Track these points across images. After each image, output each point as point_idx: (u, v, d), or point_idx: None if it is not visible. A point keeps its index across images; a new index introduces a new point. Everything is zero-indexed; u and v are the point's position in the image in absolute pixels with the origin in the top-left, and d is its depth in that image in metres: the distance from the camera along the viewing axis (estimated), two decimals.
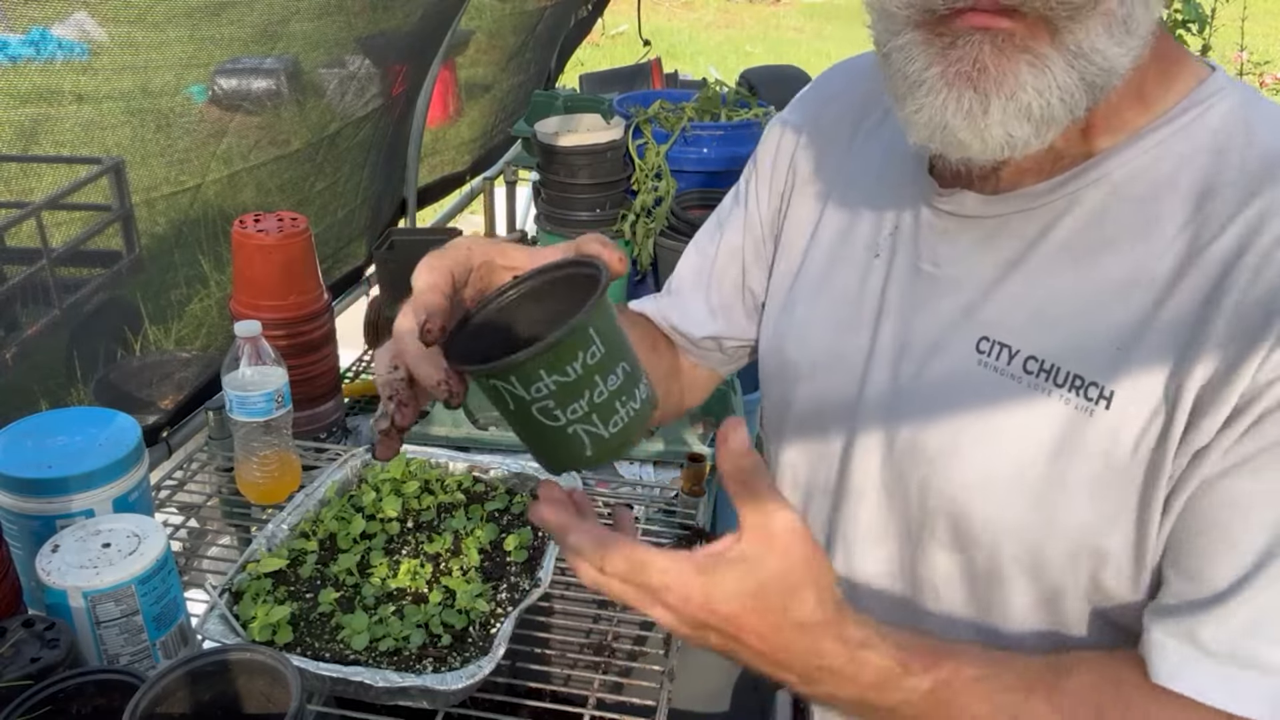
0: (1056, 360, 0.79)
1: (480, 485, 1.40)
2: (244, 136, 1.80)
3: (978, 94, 0.69)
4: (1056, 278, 0.80)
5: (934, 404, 0.87)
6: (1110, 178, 0.79)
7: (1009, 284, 0.83)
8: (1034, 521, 0.80)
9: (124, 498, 1.20)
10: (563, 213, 2.21)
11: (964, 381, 0.84)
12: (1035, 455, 0.79)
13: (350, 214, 2.34)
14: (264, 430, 1.37)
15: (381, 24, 2.14)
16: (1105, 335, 0.77)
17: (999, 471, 0.82)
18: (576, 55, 4.58)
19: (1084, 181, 0.80)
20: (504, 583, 1.21)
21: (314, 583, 1.20)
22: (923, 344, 0.88)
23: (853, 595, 0.94)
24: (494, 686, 1.13)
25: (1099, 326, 0.78)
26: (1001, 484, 0.81)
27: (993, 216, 0.84)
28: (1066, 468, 0.78)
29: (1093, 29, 0.68)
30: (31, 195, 1.40)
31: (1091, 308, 0.78)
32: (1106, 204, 0.79)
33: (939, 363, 0.87)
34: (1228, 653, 0.72)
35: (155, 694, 0.88)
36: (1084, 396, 0.77)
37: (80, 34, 1.33)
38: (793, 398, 1.00)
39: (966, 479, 0.83)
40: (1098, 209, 0.79)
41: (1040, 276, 0.81)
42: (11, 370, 1.42)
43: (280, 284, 1.58)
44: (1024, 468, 0.80)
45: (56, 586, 1.02)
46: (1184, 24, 3.35)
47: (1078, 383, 0.78)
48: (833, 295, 0.98)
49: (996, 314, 0.83)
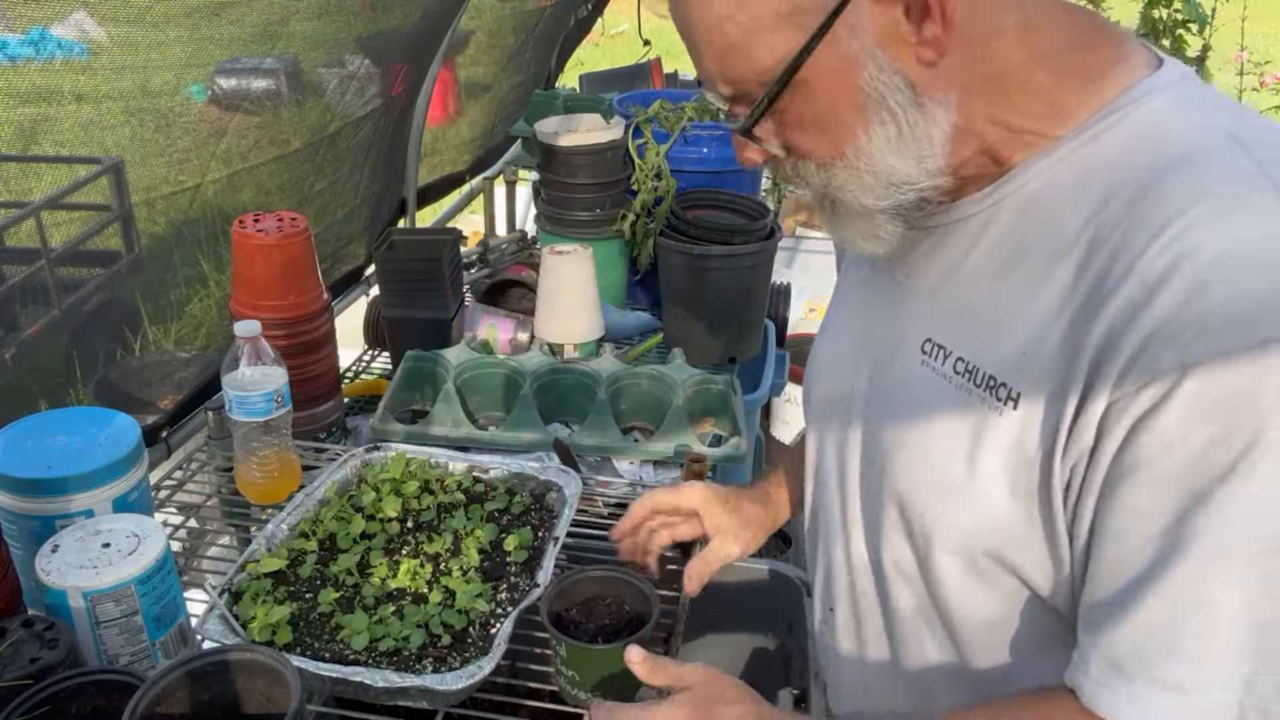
0: (977, 362, 0.84)
1: (480, 485, 1.40)
2: (244, 136, 1.80)
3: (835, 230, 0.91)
4: (983, 283, 0.85)
5: (890, 401, 0.94)
6: (1027, 188, 0.82)
7: (948, 289, 0.88)
8: (962, 517, 0.85)
9: (124, 498, 1.20)
10: (562, 212, 2.20)
11: (911, 381, 0.91)
12: (959, 452, 0.84)
13: (350, 214, 2.34)
14: (264, 430, 1.37)
15: (381, 24, 2.14)
16: (1016, 339, 0.81)
17: (933, 466, 0.87)
18: (576, 55, 4.58)
19: (1004, 193, 0.83)
20: (504, 583, 1.21)
21: (314, 583, 1.20)
22: (889, 346, 0.95)
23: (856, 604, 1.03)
24: (494, 686, 1.13)
25: (1012, 331, 0.81)
26: (936, 478, 0.87)
27: (939, 227, 0.88)
28: (984, 466, 0.82)
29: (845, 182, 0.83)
30: (31, 195, 1.40)
31: (1007, 313, 0.82)
32: (1023, 214, 0.82)
33: (897, 363, 0.93)
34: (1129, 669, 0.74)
35: (155, 694, 0.88)
36: (995, 397, 0.82)
37: (80, 34, 1.33)
38: (811, 397, 1.10)
39: (910, 472, 0.90)
40: (1015, 219, 0.83)
41: (970, 282, 0.86)
42: (11, 370, 1.42)
43: (280, 284, 1.58)
44: (950, 464, 0.85)
45: (56, 586, 1.02)
46: (1184, 24, 3.34)
47: (991, 383, 0.82)
48: (846, 307, 1.07)
49: (937, 318, 0.89)
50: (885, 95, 0.77)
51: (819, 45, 0.75)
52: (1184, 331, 0.69)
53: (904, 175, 0.81)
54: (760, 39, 0.77)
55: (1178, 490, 0.71)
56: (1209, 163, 0.74)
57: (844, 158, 0.81)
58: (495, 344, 2.01)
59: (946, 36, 0.75)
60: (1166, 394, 0.70)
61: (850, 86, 0.77)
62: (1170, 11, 3.31)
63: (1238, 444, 0.68)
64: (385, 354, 2.16)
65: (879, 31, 0.75)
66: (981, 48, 0.78)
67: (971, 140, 0.81)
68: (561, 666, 1.07)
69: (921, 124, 0.79)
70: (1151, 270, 0.71)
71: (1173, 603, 0.72)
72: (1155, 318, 0.70)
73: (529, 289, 2.14)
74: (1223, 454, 0.69)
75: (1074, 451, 0.76)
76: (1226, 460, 0.69)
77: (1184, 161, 0.74)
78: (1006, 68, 0.79)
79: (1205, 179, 0.73)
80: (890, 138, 0.79)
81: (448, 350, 1.88)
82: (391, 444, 1.47)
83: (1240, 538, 0.70)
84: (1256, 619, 0.70)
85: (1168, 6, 3.30)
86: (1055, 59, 0.80)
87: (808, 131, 0.82)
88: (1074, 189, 0.79)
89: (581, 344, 1.94)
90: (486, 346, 1.99)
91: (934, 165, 0.81)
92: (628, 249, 2.26)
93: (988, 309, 0.84)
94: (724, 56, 0.79)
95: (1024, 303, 0.80)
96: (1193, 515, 0.70)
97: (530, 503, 1.37)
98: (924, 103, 0.78)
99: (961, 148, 0.81)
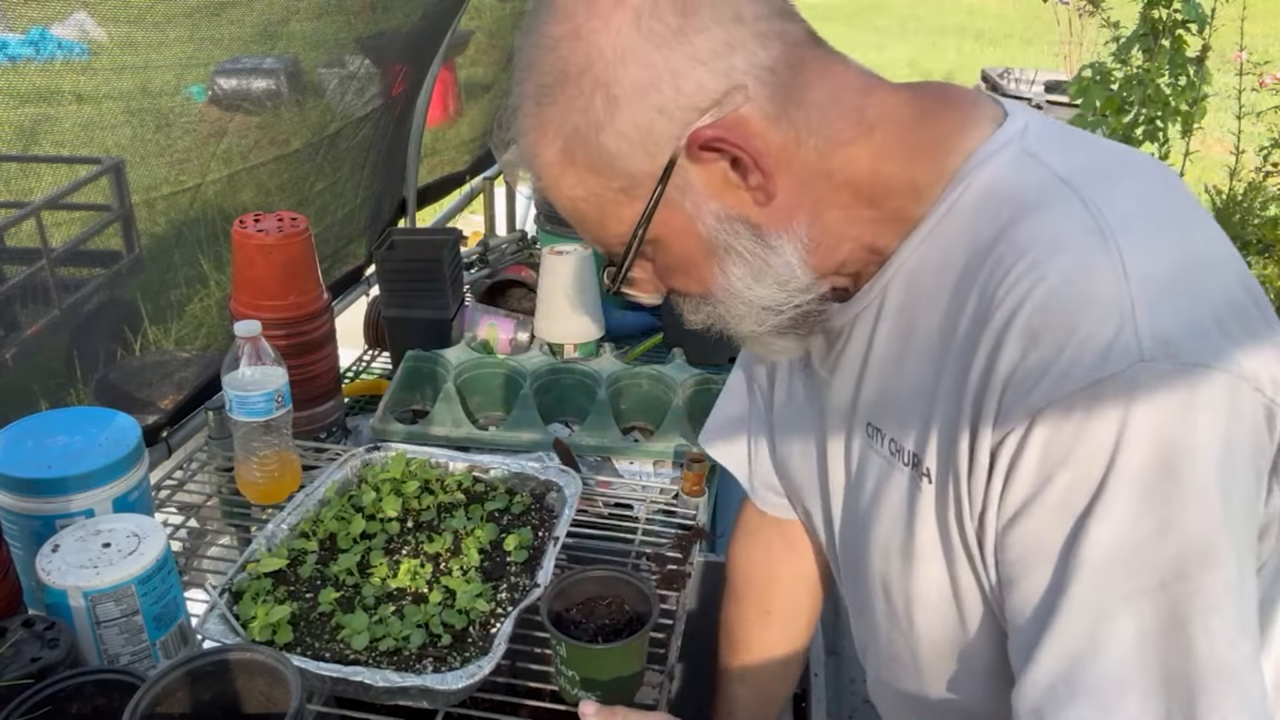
0: (898, 438, 0.89)
1: (480, 485, 1.40)
2: (244, 136, 1.80)
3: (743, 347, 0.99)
4: (890, 364, 0.89)
5: (855, 482, 0.98)
6: (904, 269, 0.86)
7: (868, 376, 0.92)
8: (911, 586, 0.90)
9: (124, 498, 1.20)
10: None
11: (864, 462, 0.95)
12: (898, 524, 0.89)
13: (350, 214, 2.34)
14: (264, 430, 1.37)
15: (381, 24, 2.14)
16: (921, 412, 0.85)
17: (887, 539, 0.92)
18: None
19: (886, 278, 0.87)
20: (504, 582, 1.21)
21: (314, 583, 1.20)
22: (837, 436, 0.99)
23: None
24: (494, 686, 1.13)
25: (916, 405, 0.86)
26: (893, 551, 0.91)
27: (843, 323, 0.93)
28: (918, 536, 0.87)
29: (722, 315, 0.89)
30: (31, 195, 1.40)
31: (910, 389, 0.86)
32: (907, 294, 0.86)
33: (851, 449, 0.98)
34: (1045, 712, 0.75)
35: (155, 694, 0.88)
36: (916, 470, 0.86)
37: (80, 34, 1.33)
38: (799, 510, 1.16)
39: (874, 546, 0.94)
40: (902, 299, 0.87)
41: (881, 366, 0.90)
42: (11, 370, 1.42)
43: (280, 284, 1.58)
44: (894, 536, 0.90)
45: (56, 586, 1.02)
46: (1184, 24, 3.33)
47: (913, 459, 0.87)
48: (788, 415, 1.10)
49: (867, 404, 0.93)
50: (730, 240, 0.83)
51: (658, 209, 0.82)
52: (1025, 381, 0.73)
53: (770, 300, 0.86)
54: (608, 212, 0.84)
55: (1051, 534, 0.74)
56: (1035, 213, 0.77)
57: (712, 295, 0.88)
58: (495, 344, 2.01)
59: (770, 182, 0.80)
60: (1021, 442, 0.73)
61: (695, 237, 0.83)
62: (1170, 11, 3.30)
63: (1092, 484, 0.71)
64: (385, 354, 2.16)
65: (708, 187, 0.81)
66: (822, 167, 0.82)
67: (844, 242, 0.86)
68: (561, 666, 1.07)
69: (771, 256, 0.84)
70: (995, 326, 0.75)
71: (1069, 643, 0.74)
72: (1005, 370, 0.74)
73: (529, 289, 2.14)
74: (1081, 494, 0.71)
75: (973, 509, 0.80)
76: (1085, 500, 0.71)
77: (1016, 218, 0.77)
78: (856, 174, 0.83)
79: (1030, 230, 0.76)
80: (745, 274, 0.85)
81: (448, 350, 1.89)
82: (391, 444, 1.47)
83: (1116, 576, 0.71)
84: (1156, 657, 0.71)
85: (1167, 6, 3.30)
86: (902, 147, 0.83)
87: (677, 276, 0.89)
88: (940, 263, 0.82)
89: (581, 344, 1.95)
90: (486, 346, 1.99)
91: (799, 284, 0.86)
92: None
93: (899, 387, 0.88)
94: (583, 225, 0.89)
95: (922, 376, 0.85)
96: (1069, 557, 0.73)
97: (530, 503, 1.37)
98: (767, 238, 0.83)
99: (835, 253, 0.86)
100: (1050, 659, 0.75)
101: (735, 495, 1.34)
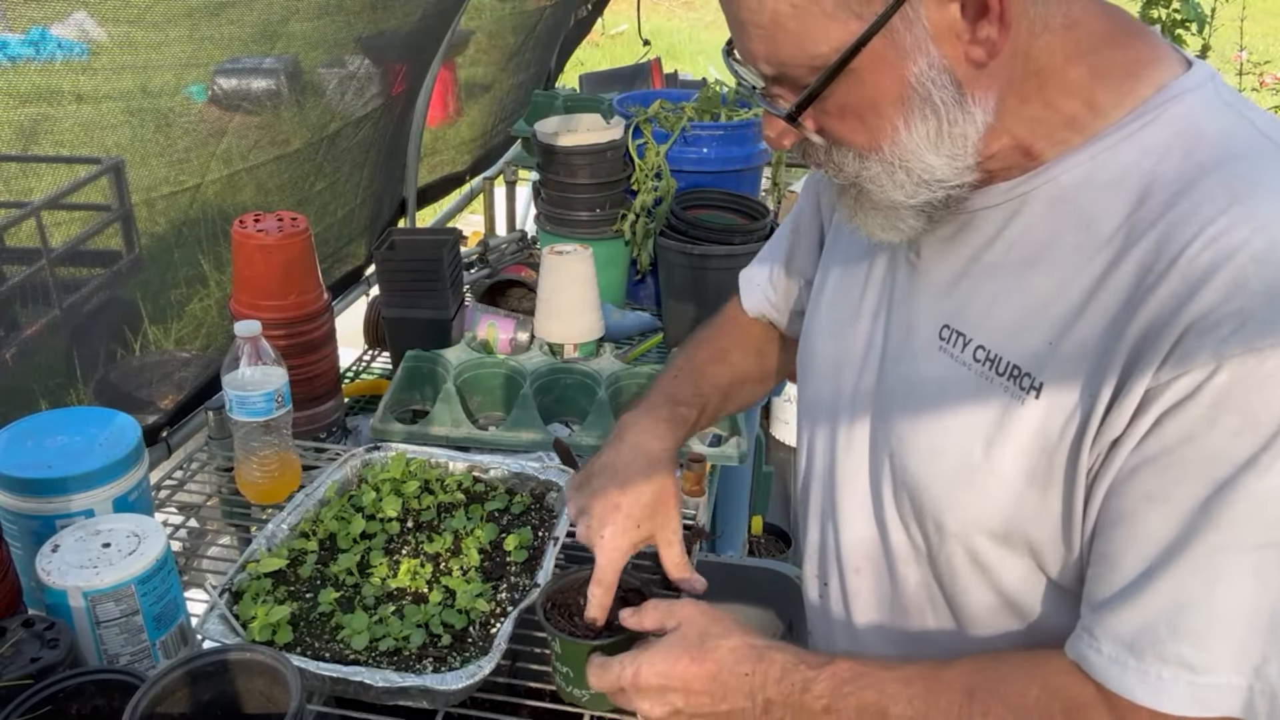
0: (1000, 350, 0.84)
1: (480, 485, 1.40)
2: (244, 136, 1.80)
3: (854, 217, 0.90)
4: (1007, 273, 0.85)
5: (903, 386, 0.94)
6: (1057, 181, 0.82)
7: (969, 276, 0.88)
8: (977, 504, 0.86)
9: (124, 498, 1.20)
10: (562, 212, 2.20)
11: (926, 366, 0.91)
12: (974, 440, 0.85)
13: (350, 214, 2.34)
14: (264, 430, 1.37)
15: (381, 24, 2.14)
16: (1041, 329, 0.82)
17: (945, 452, 0.88)
18: (576, 55, 4.58)
19: (1033, 185, 0.84)
20: (504, 583, 1.21)
21: (314, 583, 1.20)
22: (902, 330, 0.95)
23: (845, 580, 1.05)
24: (494, 686, 1.13)
25: (1037, 321, 0.82)
26: (951, 465, 0.88)
27: (963, 213, 0.88)
28: (1001, 453, 0.83)
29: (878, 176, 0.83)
30: (31, 195, 1.40)
31: (1032, 302, 0.83)
32: (1054, 207, 0.83)
33: (911, 348, 0.94)
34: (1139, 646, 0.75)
35: (155, 694, 0.88)
36: (1019, 386, 0.82)
37: (80, 34, 1.33)
38: (806, 391, 1.11)
39: (924, 459, 0.90)
40: (1045, 211, 0.83)
41: (994, 271, 0.86)
42: (11, 370, 1.42)
43: (280, 284, 1.58)
44: (965, 451, 0.86)
45: (56, 586, 1.02)
46: (1183, 24, 3.34)
47: (1015, 372, 0.83)
48: (840, 294, 1.05)
49: (957, 304, 0.89)
50: (931, 91, 0.77)
51: (876, 36, 0.74)
52: (1222, 325, 0.70)
53: (937, 173, 0.81)
54: (817, 24, 0.75)
55: (1197, 477, 0.72)
56: (1248, 163, 0.75)
57: (880, 151, 0.81)
58: (495, 344, 2.01)
59: (1001, 39, 0.75)
60: (1199, 385, 0.71)
61: (898, 80, 0.77)
62: (1169, 11, 3.31)
63: (1260, 436, 0.70)
64: (385, 354, 2.16)
65: (934, 26, 0.74)
66: (1026, 46, 0.78)
67: (1004, 135, 0.81)
68: (556, 663, 1.07)
69: (961, 122, 0.79)
70: (1194, 267, 0.72)
71: (1185, 585, 0.73)
72: (1196, 312, 0.71)
73: (529, 289, 2.14)
74: (1245, 445, 0.70)
75: (1103, 439, 0.77)
76: (1248, 451, 0.70)
77: (1223, 162, 0.75)
78: (1048, 66, 0.79)
79: (1245, 179, 0.74)
80: (929, 134, 0.79)
81: (448, 350, 1.89)
82: (391, 444, 1.47)
83: (1255, 527, 0.71)
84: (1267, 606, 0.72)
85: (1166, 6, 3.31)
86: (1093, 56, 0.80)
87: (847, 121, 0.81)
88: (1109, 186, 0.79)
89: (581, 344, 1.94)
90: (486, 346, 1.99)
91: (965, 164, 0.81)
92: (628, 249, 2.27)
93: (1012, 299, 0.84)
94: (774, 38, 0.77)
95: (1052, 294, 0.81)
96: (1210, 503, 0.72)
97: (530, 502, 1.37)
98: (967, 101, 0.78)
99: (993, 143, 0.81)
100: (1159, 596, 0.74)
101: (735, 495, 1.34)
